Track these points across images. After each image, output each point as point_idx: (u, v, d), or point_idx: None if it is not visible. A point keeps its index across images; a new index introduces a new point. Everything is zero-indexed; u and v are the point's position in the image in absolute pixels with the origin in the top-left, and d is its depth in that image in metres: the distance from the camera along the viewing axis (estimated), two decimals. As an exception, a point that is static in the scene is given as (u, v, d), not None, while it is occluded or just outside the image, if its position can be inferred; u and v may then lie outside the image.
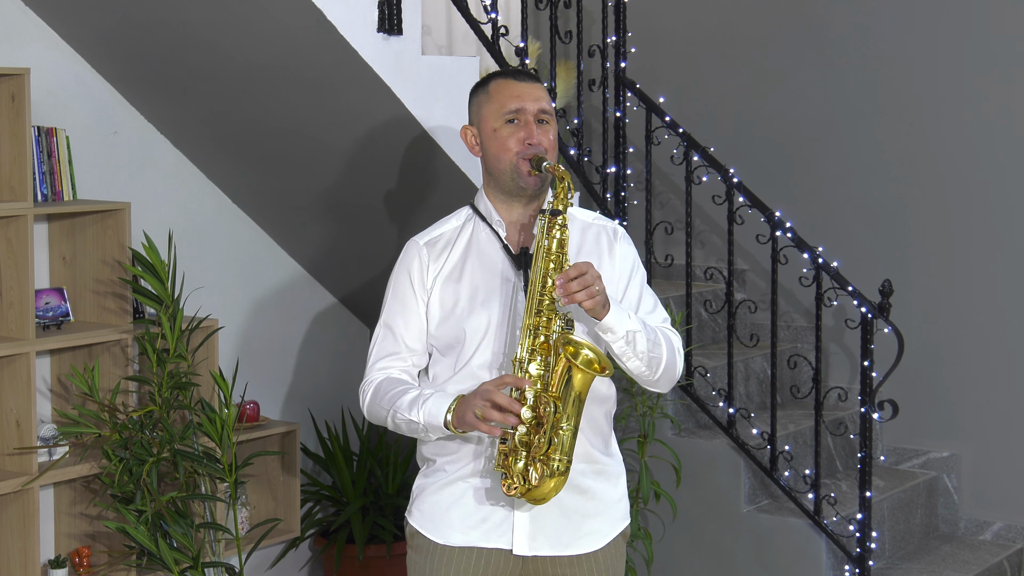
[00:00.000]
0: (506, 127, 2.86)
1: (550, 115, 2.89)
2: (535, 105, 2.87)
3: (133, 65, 4.31)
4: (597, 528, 2.90)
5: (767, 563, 4.47)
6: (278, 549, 4.92)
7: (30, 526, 3.91)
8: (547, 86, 4.50)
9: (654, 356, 2.83)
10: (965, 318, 5.06)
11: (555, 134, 2.90)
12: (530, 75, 2.95)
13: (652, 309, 2.95)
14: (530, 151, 2.84)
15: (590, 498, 2.88)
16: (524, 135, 2.85)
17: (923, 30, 5.11)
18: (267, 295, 4.96)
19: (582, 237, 2.93)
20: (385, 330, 2.94)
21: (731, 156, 5.21)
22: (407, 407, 2.80)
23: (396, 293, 2.94)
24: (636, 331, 2.79)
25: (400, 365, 2.92)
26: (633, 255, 2.98)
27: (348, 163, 4.37)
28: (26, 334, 3.91)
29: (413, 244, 2.96)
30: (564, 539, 2.86)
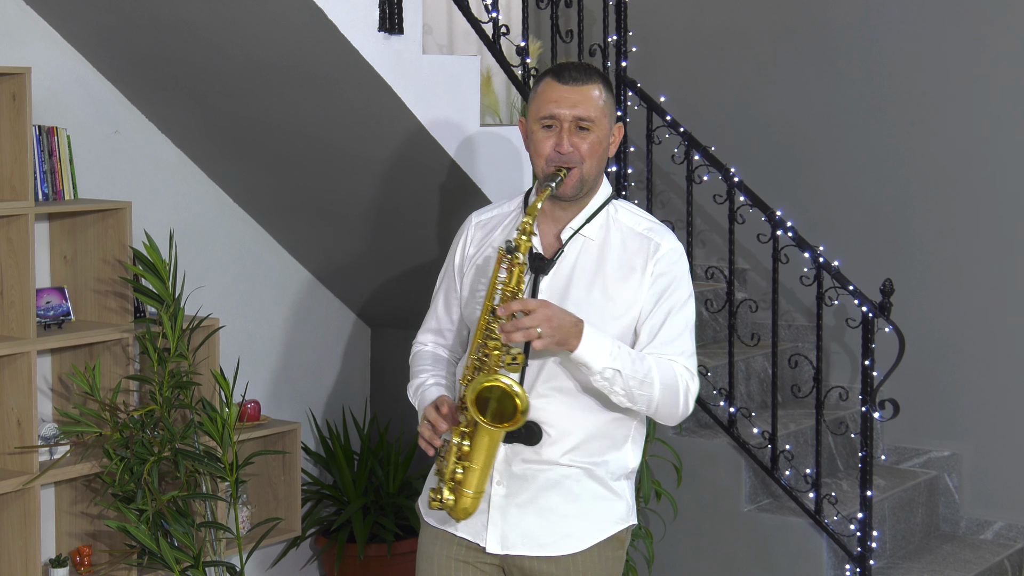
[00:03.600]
0: (541, 131, 2.80)
1: (591, 121, 2.78)
2: (571, 112, 2.77)
3: (134, 64, 4.31)
4: (577, 530, 2.85)
5: (768, 562, 4.47)
6: (279, 548, 4.92)
7: (31, 525, 3.91)
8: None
9: (640, 395, 2.74)
10: (966, 317, 5.06)
11: (599, 138, 2.80)
12: (579, 74, 2.81)
13: (671, 340, 2.81)
14: (558, 159, 2.77)
15: (573, 500, 2.84)
16: (556, 141, 2.78)
17: (924, 30, 5.11)
18: (268, 294, 4.96)
19: (620, 249, 2.84)
20: (433, 302, 3.04)
21: (732, 155, 5.21)
22: (412, 391, 2.97)
23: (445, 267, 3.02)
24: (616, 371, 2.69)
25: (436, 340, 3.04)
26: (671, 278, 2.83)
27: (349, 162, 4.37)
28: (27, 333, 3.91)
29: (468, 221, 3.01)
30: (540, 539, 2.83)
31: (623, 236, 2.85)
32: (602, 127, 2.81)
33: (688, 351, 2.84)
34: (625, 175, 4.62)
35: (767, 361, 5.03)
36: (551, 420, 2.80)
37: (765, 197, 4.54)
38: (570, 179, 2.79)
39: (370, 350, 5.34)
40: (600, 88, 2.82)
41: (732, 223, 4.52)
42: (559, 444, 2.81)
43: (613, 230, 2.86)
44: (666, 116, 4.53)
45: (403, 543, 4.82)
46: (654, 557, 4.36)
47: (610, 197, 2.90)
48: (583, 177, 2.80)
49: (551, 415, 2.80)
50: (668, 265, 2.84)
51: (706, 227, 5.54)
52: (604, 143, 2.82)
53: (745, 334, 4.86)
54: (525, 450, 2.80)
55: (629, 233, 2.86)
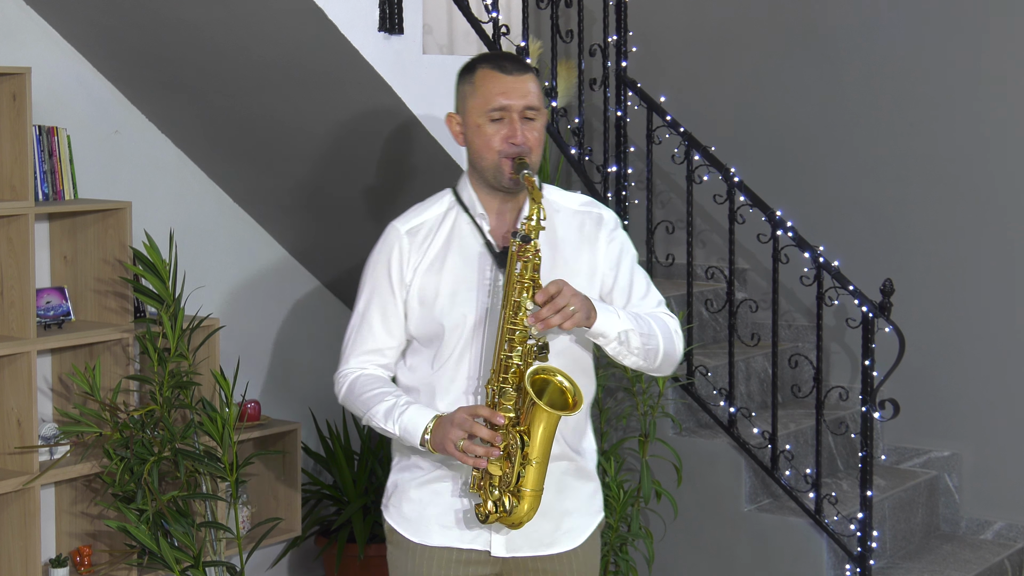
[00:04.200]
0: (490, 124, 2.76)
1: (537, 110, 2.77)
2: (521, 102, 2.75)
3: (134, 64, 4.31)
4: (576, 525, 2.86)
5: (768, 562, 4.47)
6: (279, 548, 4.92)
7: (31, 525, 3.91)
8: (547, 85, 4.50)
9: (650, 348, 2.78)
10: (966, 317, 5.06)
11: (542, 129, 2.80)
12: (519, 64, 2.80)
13: (645, 294, 2.90)
14: (513, 150, 2.74)
15: (568, 496, 2.84)
16: (508, 133, 2.75)
17: (924, 30, 5.11)
18: (268, 294, 4.96)
19: (566, 227, 2.84)
20: (362, 321, 2.88)
21: (732, 155, 5.20)
22: (382, 417, 2.78)
23: (374, 284, 2.86)
24: (628, 330, 2.73)
25: (377, 361, 2.88)
26: (621, 239, 2.89)
27: (349, 162, 4.37)
28: (27, 333, 3.91)
29: (393, 231, 2.88)
30: (544, 539, 2.82)
31: (564, 216, 2.85)
32: (543, 115, 2.80)
33: (661, 299, 2.93)
34: (625, 175, 4.62)
35: (767, 361, 5.03)
36: None
37: (765, 197, 4.54)
38: None
39: (370, 350, 5.33)
40: (536, 78, 2.81)
41: (732, 223, 4.52)
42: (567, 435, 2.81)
43: (553, 212, 2.84)
44: (666, 116, 4.53)
45: (403, 543, 4.81)
46: (654, 557, 4.36)
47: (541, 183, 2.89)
48: (533, 166, 2.78)
49: None
50: (616, 230, 2.89)
51: (706, 227, 5.54)
52: (543, 131, 2.81)
53: (745, 334, 4.86)
54: None
55: (568, 212, 2.86)
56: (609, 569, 4.30)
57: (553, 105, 4.49)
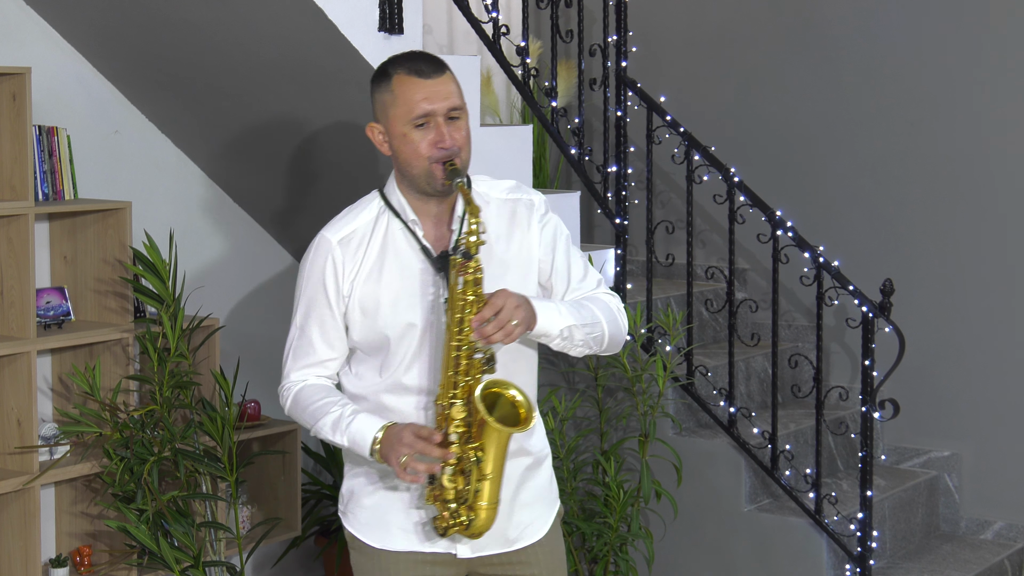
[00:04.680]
0: (416, 131, 2.70)
1: (460, 109, 2.72)
2: (444, 104, 2.70)
3: (134, 64, 4.31)
4: (537, 516, 2.86)
5: (768, 562, 4.47)
6: (279, 548, 4.92)
7: (31, 525, 3.91)
8: (547, 85, 4.50)
9: (595, 336, 2.76)
10: (966, 317, 5.06)
11: (467, 127, 2.75)
12: (434, 64, 2.73)
13: (583, 275, 2.85)
14: (443, 154, 2.68)
15: (527, 490, 2.83)
16: (435, 138, 2.69)
17: (924, 30, 5.11)
18: (268, 294, 4.96)
19: (497, 219, 2.79)
20: (300, 335, 2.84)
21: (732, 155, 5.21)
22: (330, 429, 2.75)
23: (310, 298, 2.80)
24: (571, 325, 2.71)
25: (318, 372, 2.85)
26: (554, 222, 2.84)
27: (349, 162, 4.37)
28: (27, 333, 3.91)
29: (324, 242, 2.80)
30: (509, 534, 2.81)
31: (495, 206, 2.80)
32: (466, 113, 2.76)
33: (599, 277, 2.89)
34: (625, 175, 4.62)
35: (767, 361, 5.03)
36: None
37: (765, 197, 4.55)
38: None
39: (370, 350, 5.33)
40: (453, 75, 2.76)
41: (732, 223, 4.52)
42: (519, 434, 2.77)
43: (486, 204, 2.80)
44: (666, 116, 4.53)
45: (403, 543, 4.81)
46: (654, 557, 4.36)
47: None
48: (463, 167, 2.74)
49: None
50: (546, 215, 2.84)
51: (706, 227, 5.54)
52: (469, 128, 2.77)
53: (745, 334, 4.86)
54: None
55: (497, 202, 2.81)
56: (609, 569, 4.30)
57: (553, 105, 4.49)
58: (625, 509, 4.24)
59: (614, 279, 4.60)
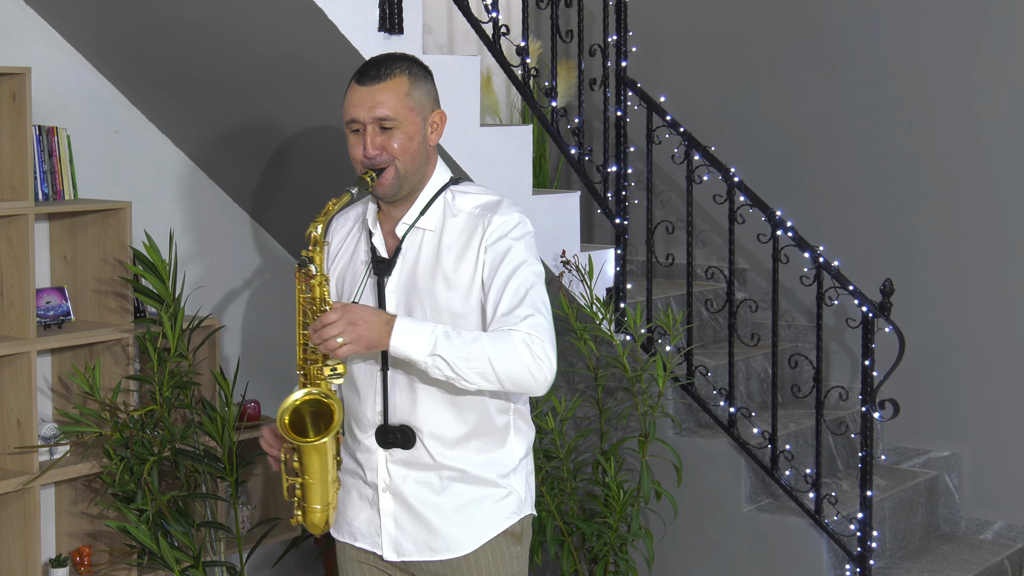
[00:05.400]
0: (351, 136, 2.76)
1: (394, 119, 2.71)
2: (370, 114, 2.71)
3: (134, 64, 4.31)
4: (465, 532, 2.82)
5: (768, 562, 4.47)
6: (279, 548, 4.92)
7: (31, 525, 3.91)
8: (547, 85, 4.50)
9: (477, 372, 2.64)
10: (966, 317, 5.06)
11: (408, 134, 2.73)
12: (379, 71, 2.74)
13: (509, 310, 2.70)
14: (368, 163, 2.73)
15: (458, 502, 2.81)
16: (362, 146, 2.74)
17: (924, 29, 5.11)
18: (268, 294, 4.96)
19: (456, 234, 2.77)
20: None
21: (732, 155, 5.21)
22: None
23: None
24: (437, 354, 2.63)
25: None
26: (502, 248, 2.74)
27: (349, 162, 4.37)
28: (27, 333, 3.91)
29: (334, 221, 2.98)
30: (431, 543, 2.82)
31: (462, 221, 2.78)
32: (409, 122, 2.73)
33: (529, 315, 2.69)
34: (625, 175, 4.62)
35: (767, 361, 5.03)
36: (423, 422, 2.77)
37: (765, 197, 4.55)
38: (383, 180, 2.73)
39: (370, 350, 5.34)
40: (406, 81, 2.74)
41: (732, 223, 4.52)
42: (435, 446, 2.78)
43: (450, 217, 2.79)
44: (666, 116, 4.53)
45: (403, 543, 4.82)
46: (654, 557, 4.36)
47: (446, 184, 2.83)
48: (400, 175, 2.74)
49: (422, 417, 2.78)
50: (497, 237, 2.75)
51: (706, 227, 5.54)
52: (416, 137, 2.75)
53: (745, 334, 4.86)
54: (404, 455, 2.79)
55: (465, 216, 2.78)
56: (609, 569, 4.30)
57: (553, 105, 4.49)
58: (625, 509, 4.24)
59: (614, 279, 4.61)
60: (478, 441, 2.82)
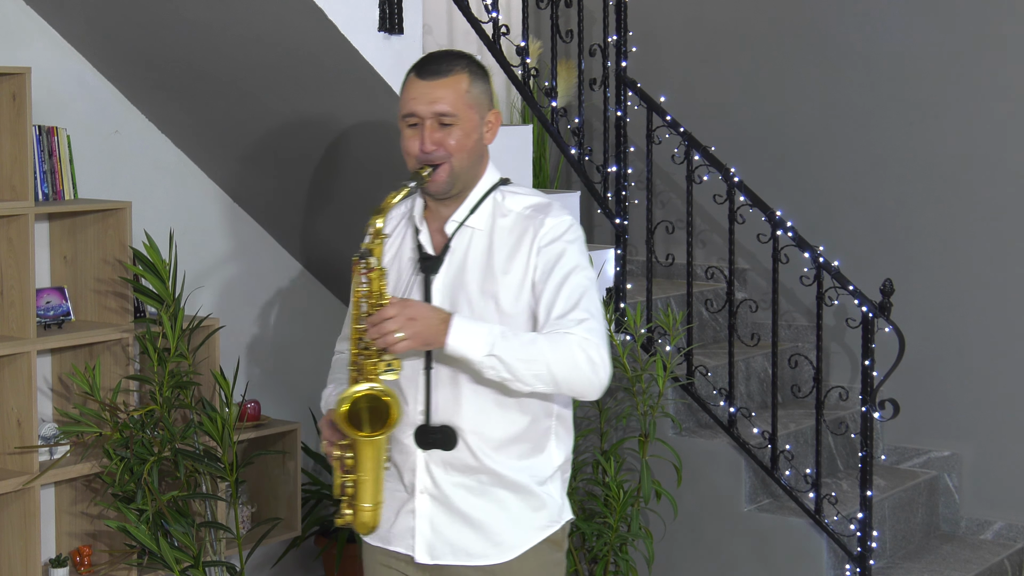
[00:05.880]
0: (407, 129, 2.73)
1: (454, 115, 2.70)
2: (430, 108, 2.69)
3: (134, 64, 4.31)
4: (507, 539, 2.78)
5: (768, 562, 4.47)
6: (279, 548, 4.92)
7: (31, 525, 3.91)
8: (547, 85, 4.50)
9: (533, 374, 2.63)
10: (966, 317, 5.06)
11: (466, 131, 2.72)
12: (440, 66, 2.72)
13: (564, 313, 2.69)
14: (423, 158, 2.71)
15: (499, 508, 2.77)
16: (418, 140, 2.72)
17: (923, 30, 5.11)
18: (268, 294, 4.96)
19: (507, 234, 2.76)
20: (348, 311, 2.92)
21: (732, 155, 5.21)
22: (323, 403, 2.90)
23: None
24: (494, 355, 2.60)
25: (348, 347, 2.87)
26: (556, 250, 2.72)
27: (349, 163, 4.37)
28: (27, 333, 3.91)
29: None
30: (470, 548, 2.77)
31: (511, 221, 2.77)
32: (468, 120, 2.72)
33: (584, 319, 2.68)
34: (625, 175, 4.62)
35: (767, 361, 5.03)
36: (467, 422, 2.73)
37: (765, 197, 4.55)
38: (438, 176, 2.72)
39: (370, 350, 5.33)
40: (466, 78, 2.73)
41: (732, 223, 4.52)
42: (478, 447, 2.74)
43: (500, 217, 2.78)
44: (666, 116, 4.53)
45: (403, 543, 4.81)
46: (654, 557, 4.36)
47: (496, 184, 2.81)
48: (454, 172, 2.72)
49: (466, 417, 2.74)
50: (551, 239, 2.73)
51: (706, 227, 5.54)
52: (473, 135, 2.73)
53: (745, 334, 4.86)
54: (444, 456, 2.74)
55: (515, 217, 2.77)
56: (609, 569, 4.30)
57: (553, 105, 4.49)
58: (625, 509, 4.24)
59: (614, 279, 4.60)
60: (520, 446, 2.78)
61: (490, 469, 2.75)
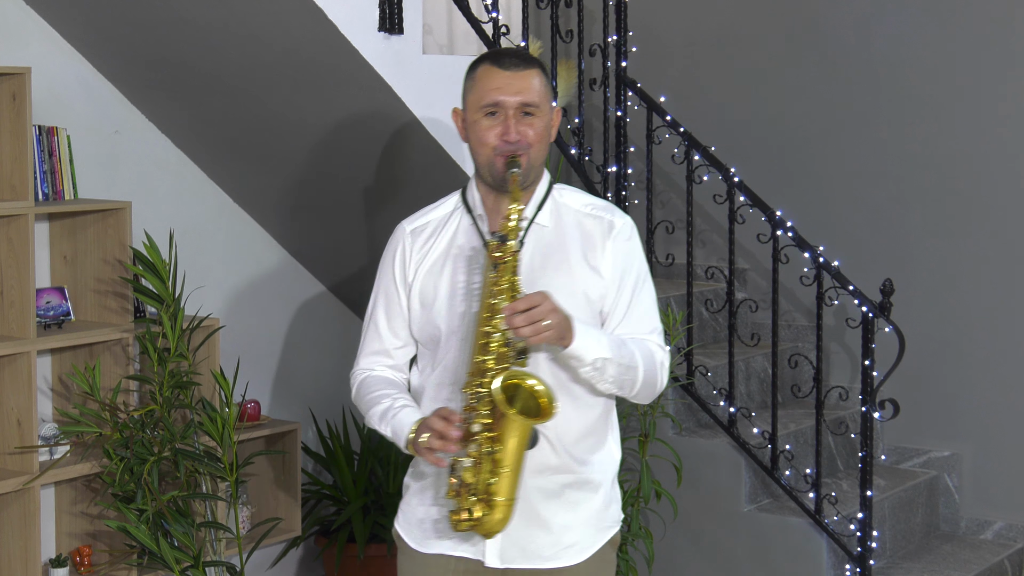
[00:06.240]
0: (485, 119, 2.72)
1: (536, 106, 2.72)
2: (516, 98, 2.71)
3: (134, 64, 4.31)
4: (578, 540, 2.77)
5: (768, 562, 4.47)
6: (279, 548, 4.92)
7: (31, 525, 3.91)
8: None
9: (627, 379, 2.69)
10: (966, 317, 5.06)
11: (545, 124, 2.75)
12: (520, 60, 2.74)
13: (641, 317, 2.77)
14: (507, 148, 2.69)
15: (569, 509, 2.76)
16: (502, 130, 2.70)
17: (923, 29, 5.11)
18: (268, 294, 4.96)
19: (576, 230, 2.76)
20: (371, 323, 2.88)
21: (732, 155, 5.20)
22: (378, 419, 2.77)
23: (381, 283, 2.87)
24: (606, 359, 2.64)
25: (384, 361, 2.87)
26: (629, 253, 2.79)
27: (349, 162, 4.37)
28: (27, 333, 3.91)
29: (400, 230, 2.86)
30: (542, 552, 2.74)
31: (575, 218, 2.78)
32: (545, 112, 2.75)
33: (657, 326, 2.79)
34: (625, 175, 4.62)
35: (767, 361, 5.03)
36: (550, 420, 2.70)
37: (765, 197, 4.54)
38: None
39: (370, 350, 5.33)
40: (540, 72, 2.76)
41: (732, 223, 4.52)
42: (557, 442, 2.72)
43: (563, 214, 2.79)
44: (666, 116, 4.53)
45: (403, 543, 4.82)
46: (654, 557, 4.36)
47: (551, 182, 2.84)
48: (531, 163, 2.73)
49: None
50: (626, 242, 2.79)
51: (706, 227, 5.54)
52: (548, 128, 2.77)
53: (745, 334, 4.86)
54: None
55: (579, 215, 2.78)
56: (609, 569, 4.29)
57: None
58: (625, 509, 4.23)
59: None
60: (589, 439, 2.78)
61: (567, 468, 2.75)
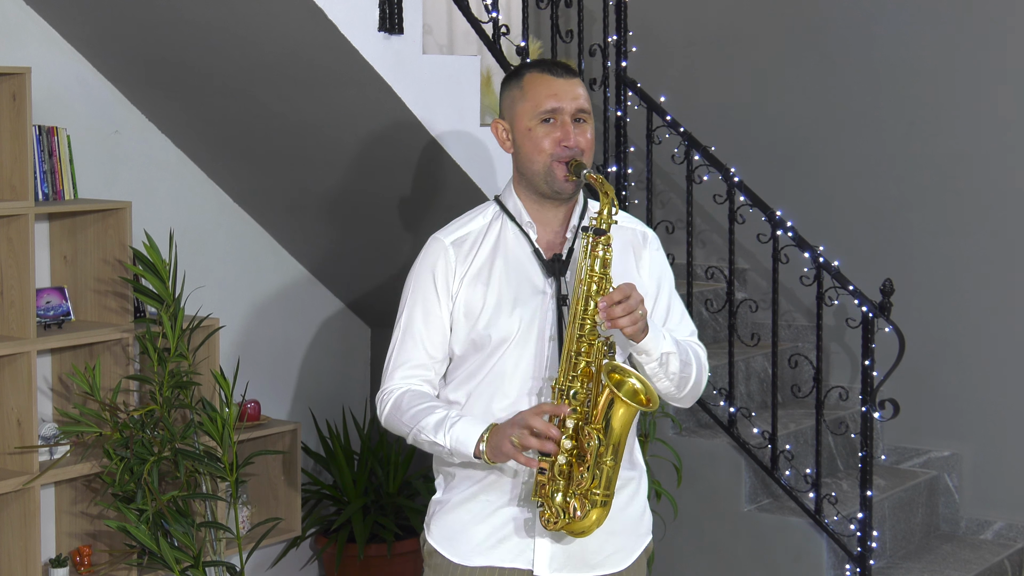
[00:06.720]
0: (541, 127, 2.72)
1: (588, 113, 2.75)
2: (573, 104, 2.73)
3: (134, 64, 4.31)
4: (623, 545, 2.79)
5: (768, 562, 4.47)
6: (279, 548, 4.92)
7: (31, 525, 3.91)
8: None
9: (684, 376, 2.74)
10: (966, 317, 5.06)
11: (592, 133, 2.77)
12: (567, 68, 2.78)
13: (680, 320, 2.85)
14: (566, 153, 2.70)
15: (620, 513, 2.75)
16: (560, 136, 2.71)
17: (924, 29, 5.11)
18: (268, 294, 4.96)
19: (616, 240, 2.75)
20: (406, 335, 2.79)
21: (732, 155, 5.20)
22: (432, 429, 2.67)
23: (418, 295, 2.78)
24: (670, 352, 2.68)
25: (422, 375, 2.79)
26: (662, 262, 2.86)
27: (349, 162, 4.37)
28: (27, 333, 3.91)
29: (438, 243, 2.79)
30: (590, 559, 2.74)
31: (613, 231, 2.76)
32: (592, 119, 2.78)
33: (695, 330, 2.89)
34: (625, 175, 4.62)
35: (767, 361, 5.03)
36: None
37: (765, 197, 4.54)
38: None
39: (370, 350, 5.34)
40: (583, 83, 2.80)
41: (732, 223, 4.52)
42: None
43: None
44: (666, 116, 4.53)
45: (403, 543, 4.82)
46: (654, 557, 4.36)
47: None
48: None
49: None
50: (657, 251, 2.87)
51: (706, 227, 5.54)
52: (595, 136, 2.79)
53: (745, 334, 4.86)
54: None
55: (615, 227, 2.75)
56: (609, 569, 4.29)
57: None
58: (625, 509, 4.23)
59: (614, 279, 4.60)
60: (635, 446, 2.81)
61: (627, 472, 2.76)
